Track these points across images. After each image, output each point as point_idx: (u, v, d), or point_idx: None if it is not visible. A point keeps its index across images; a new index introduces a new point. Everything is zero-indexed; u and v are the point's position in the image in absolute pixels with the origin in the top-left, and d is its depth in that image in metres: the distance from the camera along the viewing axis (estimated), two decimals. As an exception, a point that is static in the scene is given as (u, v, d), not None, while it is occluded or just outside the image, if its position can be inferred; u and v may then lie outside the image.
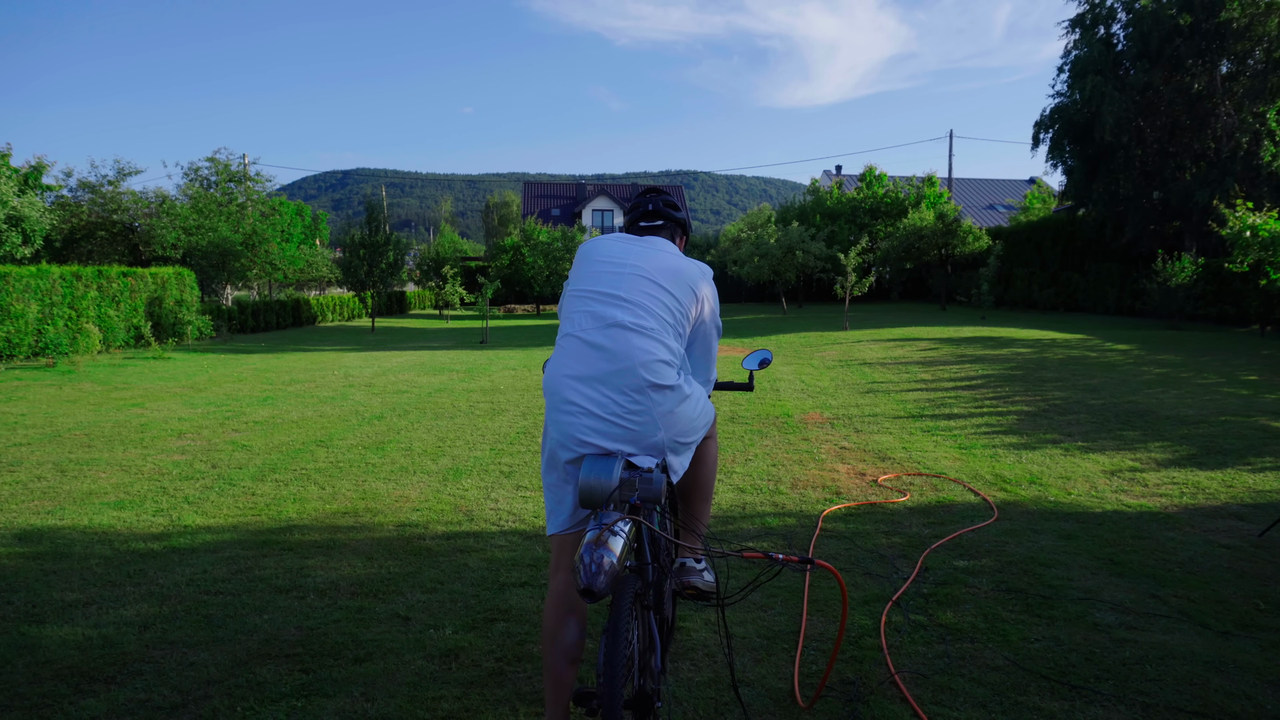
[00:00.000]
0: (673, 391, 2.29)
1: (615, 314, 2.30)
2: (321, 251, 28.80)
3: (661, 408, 2.25)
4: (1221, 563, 3.90)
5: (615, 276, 2.37)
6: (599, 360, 2.24)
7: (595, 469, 2.14)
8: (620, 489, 2.11)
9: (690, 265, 2.47)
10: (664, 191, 2.66)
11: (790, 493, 5.20)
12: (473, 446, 6.69)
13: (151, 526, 4.62)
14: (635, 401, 2.22)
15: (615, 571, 1.91)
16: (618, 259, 2.42)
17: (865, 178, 34.39)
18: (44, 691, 2.78)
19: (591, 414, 2.21)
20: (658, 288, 2.36)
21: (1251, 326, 17.38)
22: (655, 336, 2.29)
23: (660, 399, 2.25)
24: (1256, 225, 11.72)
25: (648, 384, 2.23)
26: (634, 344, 2.25)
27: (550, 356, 2.39)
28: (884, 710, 2.64)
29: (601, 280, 2.38)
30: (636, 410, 2.22)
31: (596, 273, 2.41)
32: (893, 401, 8.74)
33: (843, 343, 15.08)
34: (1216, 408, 7.91)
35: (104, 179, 22.33)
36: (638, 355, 2.23)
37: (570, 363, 2.28)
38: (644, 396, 2.23)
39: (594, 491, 2.11)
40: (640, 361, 2.23)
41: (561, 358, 2.31)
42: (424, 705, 2.69)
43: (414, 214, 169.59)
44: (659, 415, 2.25)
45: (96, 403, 9.26)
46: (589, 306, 2.34)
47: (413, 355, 15.16)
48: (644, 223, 2.62)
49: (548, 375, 2.34)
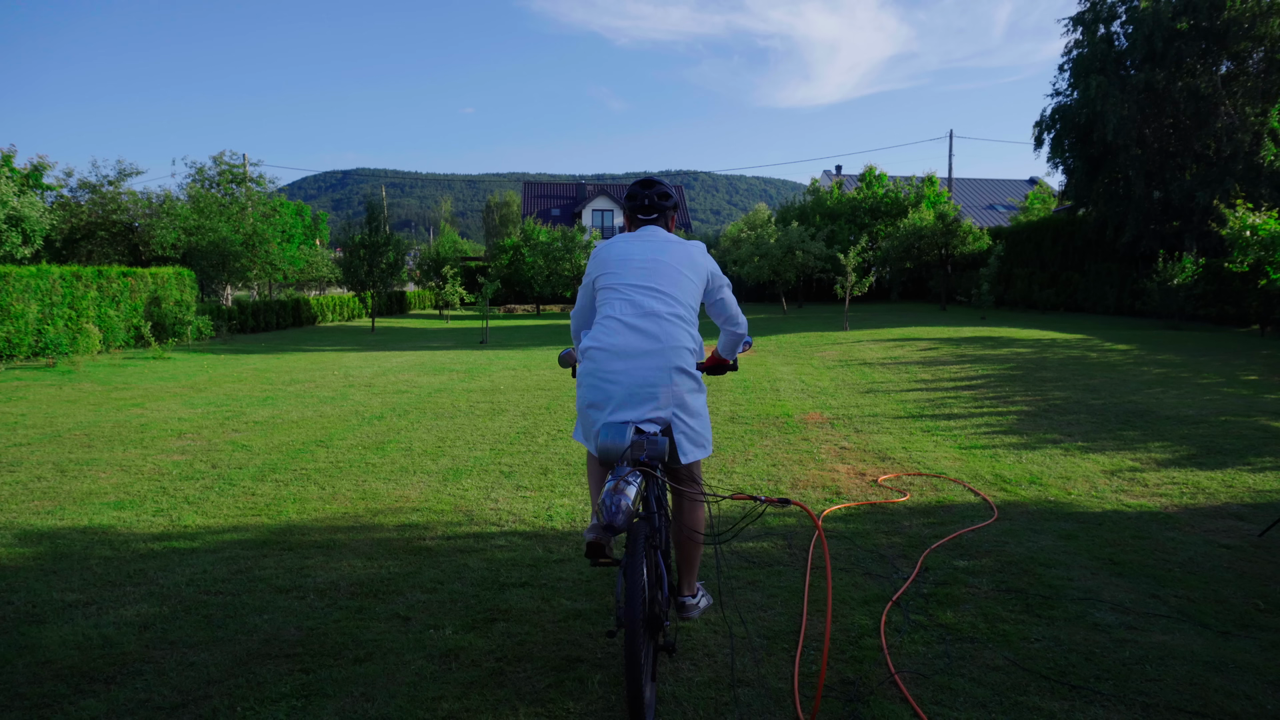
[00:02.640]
0: (693, 380, 2.83)
1: (652, 303, 2.82)
2: (321, 252, 28.80)
3: (679, 389, 2.76)
4: (1221, 563, 3.90)
5: (648, 271, 2.88)
6: (639, 341, 2.75)
7: (610, 434, 2.59)
8: (631, 449, 2.58)
9: (695, 250, 3.01)
10: (657, 183, 3.10)
11: (790, 493, 5.20)
12: (473, 446, 6.69)
13: (151, 526, 4.62)
14: (661, 379, 2.72)
15: (630, 512, 2.37)
16: (649, 255, 2.92)
17: (865, 178, 34.39)
18: (44, 691, 2.78)
19: (621, 385, 2.71)
20: (683, 276, 2.90)
21: (1251, 326, 17.38)
22: (685, 325, 2.84)
23: (681, 381, 2.77)
24: (1256, 225, 11.71)
25: (675, 367, 2.75)
26: (669, 330, 2.78)
27: (590, 332, 2.87)
28: (884, 710, 2.64)
29: (637, 274, 2.88)
30: (660, 386, 2.72)
31: (630, 268, 2.90)
32: (893, 401, 8.74)
33: (843, 343, 15.07)
34: (1216, 408, 7.91)
35: (104, 179, 22.33)
36: (670, 341, 2.76)
37: (612, 340, 2.77)
38: (668, 376, 2.74)
39: (609, 452, 2.57)
40: (672, 347, 2.75)
41: (603, 336, 2.79)
42: (424, 705, 2.69)
43: (414, 214, 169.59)
44: (675, 394, 2.75)
45: (96, 403, 9.26)
46: (628, 295, 2.85)
47: (413, 355, 15.16)
48: (642, 215, 3.09)
49: (588, 345, 2.81)
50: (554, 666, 2.94)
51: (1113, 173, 21.58)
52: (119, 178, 22.45)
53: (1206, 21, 19.20)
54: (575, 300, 3.24)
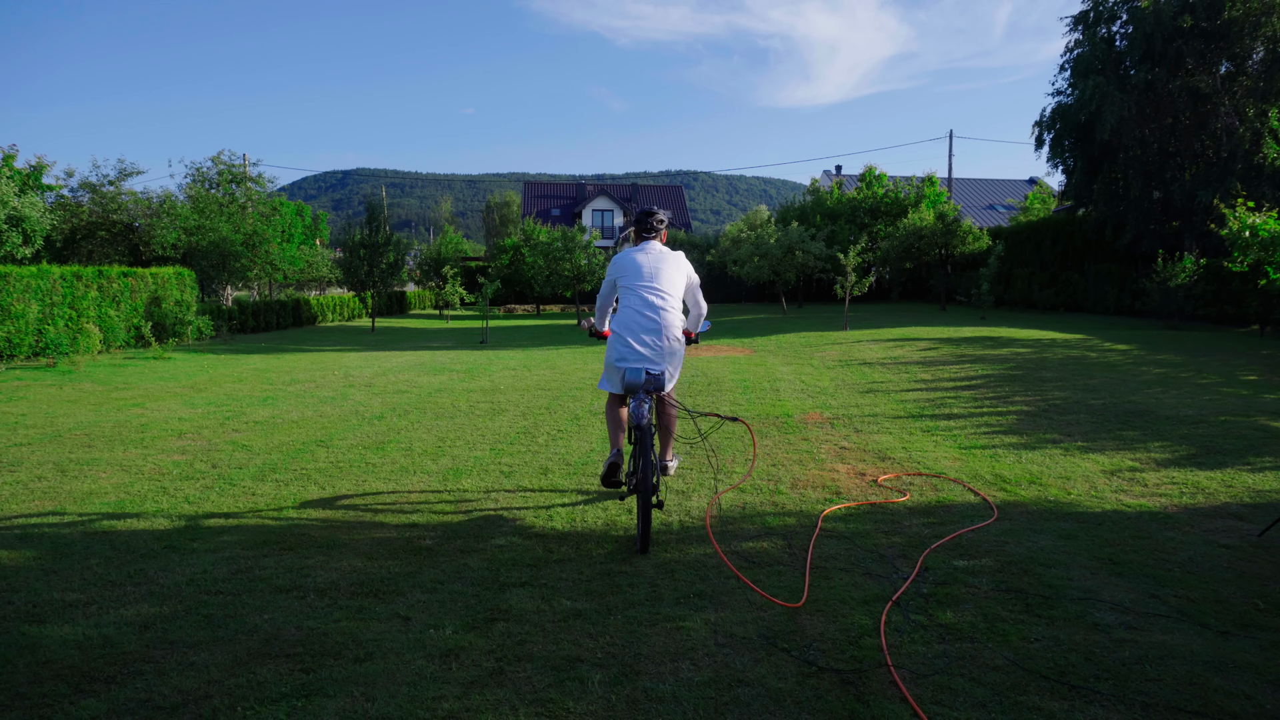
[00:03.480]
0: (680, 345, 4.60)
1: (654, 300, 4.50)
2: (322, 252, 28.79)
3: (672, 350, 4.52)
4: (1221, 563, 3.90)
5: (651, 276, 4.56)
6: (649, 324, 4.47)
7: (633, 374, 4.31)
8: (645, 383, 4.28)
9: (679, 259, 4.71)
10: (655, 212, 4.78)
11: (790, 493, 5.20)
12: (473, 446, 6.69)
13: (152, 526, 4.62)
14: (663, 345, 4.46)
15: (649, 418, 4.16)
16: (651, 265, 4.60)
17: (865, 178, 34.37)
18: (44, 691, 2.78)
19: (638, 351, 4.42)
20: (673, 279, 4.60)
21: (1251, 326, 17.38)
22: (675, 312, 4.55)
23: (674, 347, 4.52)
24: (1256, 225, 11.70)
25: (673, 338, 4.51)
26: (667, 318, 4.50)
27: (614, 317, 4.61)
28: (884, 710, 2.64)
29: (644, 278, 4.56)
30: (662, 350, 4.45)
31: (639, 274, 4.57)
32: (893, 401, 8.74)
33: (843, 343, 15.08)
34: (1216, 408, 7.91)
35: (105, 179, 22.33)
36: (667, 323, 4.50)
37: (633, 324, 4.48)
38: (668, 344, 4.48)
39: (632, 385, 4.29)
40: (669, 327, 4.50)
41: (626, 320, 4.50)
42: (424, 705, 2.69)
43: (414, 214, 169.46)
44: (670, 354, 4.50)
45: (97, 403, 9.26)
46: (640, 294, 4.52)
47: (413, 355, 15.17)
48: (645, 234, 4.75)
49: (616, 324, 4.54)
50: (554, 666, 2.94)
51: (1112, 173, 21.58)
52: (119, 177, 22.45)
53: (1206, 21, 19.20)
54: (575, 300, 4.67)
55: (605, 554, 4.11)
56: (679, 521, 4.64)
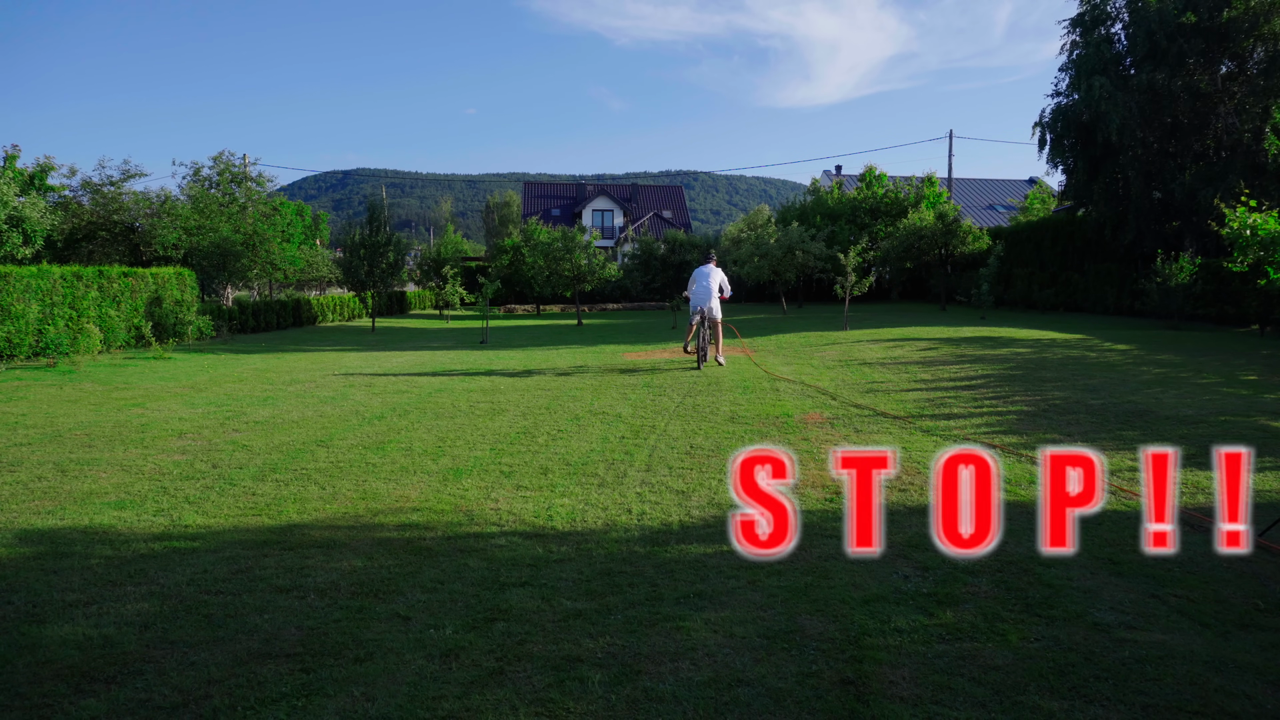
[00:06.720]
0: (718, 305, 12.45)
1: (709, 285, 12.36)
2: (322, 252, 28.79)
3: (715, 303, 12.34)
4: (1221, 563, 3.90)
5: (705, 277, 12.44)
6: (705, 295, 12.26)
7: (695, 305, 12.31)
8: (704, 312, 12.17)
9: (719, 271, 12.70)
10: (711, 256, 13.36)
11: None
12: (473, 446, 6.69)
13: (152, 526, 4.62)
14: (710, 302, 12.25)
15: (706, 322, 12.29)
16: (706, 272, 12.52)
17: (865, 178, 34.36)
18: (44, 691, 2.78)
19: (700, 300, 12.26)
20: (716, 280, 12.52)
21: (1251, 326, 17.37)
22: (715, 295, 12.38)
23: (714, 305, 12.32)
24: (1255, 224, 11.68)
25: (716, 302, 12.38)
26: (713, 296, 12.33)
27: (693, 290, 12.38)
28: (884, 710, 2.64)
29: (703, 279, 12.42)
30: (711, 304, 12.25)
31: (701, 277, 12.45)
32: (893, 401, 8.74)
33: (843, 343, 15.08)
34: (1216, 408, 7.91)
35: (107, 179, 22.33)
36: (711, 298, 12.30)
37: (699, 294, 12.28)
38: (713, 301, 12.30)
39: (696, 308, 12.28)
40: (711, 294, 12.33)
41: (695, 292, 12.35)
42: (424, 705, 2.69)
43: (414, 214, 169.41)
44: (713, 306, 12.27)
45: (97, 403, 9.27)
46: (702, 283, 12.34)
47: (413, 355, 15.17)
48: (706, 260, 13.08)
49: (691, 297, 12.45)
50: (554, 666, 2.95)
51: (1112, 173, 21.57)
52: (122, 179, 22.46)
53: (1207, 21, 19.19)
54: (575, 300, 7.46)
55: (605, 554, 4.11)
56: (679, 521, 4.64)
